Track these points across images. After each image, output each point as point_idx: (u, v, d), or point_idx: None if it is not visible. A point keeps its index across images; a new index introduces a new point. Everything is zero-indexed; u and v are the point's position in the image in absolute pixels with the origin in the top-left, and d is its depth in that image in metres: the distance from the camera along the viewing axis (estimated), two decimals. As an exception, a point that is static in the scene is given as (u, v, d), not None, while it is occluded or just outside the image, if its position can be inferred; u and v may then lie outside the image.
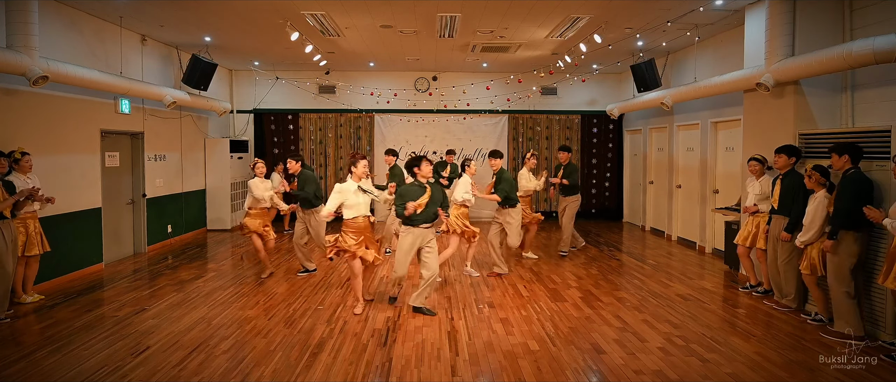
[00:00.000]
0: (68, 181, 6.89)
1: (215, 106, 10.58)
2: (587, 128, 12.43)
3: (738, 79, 6.76)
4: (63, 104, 6.87)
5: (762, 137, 6.51)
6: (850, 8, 5.87)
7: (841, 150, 4.83)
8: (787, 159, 5.66)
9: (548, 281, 6.84)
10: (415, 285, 5.93)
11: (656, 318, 5.41)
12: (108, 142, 7.91)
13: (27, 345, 4.67)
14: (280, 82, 11.86)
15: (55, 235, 6.41)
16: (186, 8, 7.03)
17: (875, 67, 5.19)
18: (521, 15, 7.27)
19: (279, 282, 6.78)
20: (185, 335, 4.92)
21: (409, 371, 4.16)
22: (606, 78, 12.12)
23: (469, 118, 12.31)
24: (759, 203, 6.11)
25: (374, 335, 4.95)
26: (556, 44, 8.94)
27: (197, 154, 10.55)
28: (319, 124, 12.27)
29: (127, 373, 4.10)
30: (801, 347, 4.66)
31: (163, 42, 9.13)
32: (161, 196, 9.17)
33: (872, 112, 5.66)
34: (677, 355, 4.47)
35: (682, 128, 9.68)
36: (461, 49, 9.55)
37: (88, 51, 7.31)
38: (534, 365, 4.26)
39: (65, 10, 6.91)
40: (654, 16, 7.19)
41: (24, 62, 5.63)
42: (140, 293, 6.34)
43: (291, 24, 7.56)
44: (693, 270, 7.54)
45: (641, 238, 10.16)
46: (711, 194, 8.64)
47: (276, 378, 4.04)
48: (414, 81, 12.22)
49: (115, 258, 8.08)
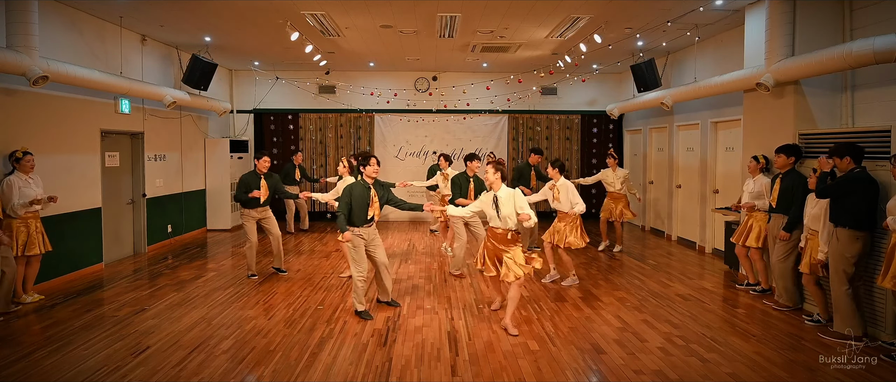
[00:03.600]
0: (68, 181, 6.89)
1: (215, 106, 10.58)
2: (587, 128, 12.43)
3: (738, 79, 6.77)
4: (63, 104, 6.87)
5: (762, 138, 6.51)
6: (850, 8, 5.87)
7: (841, 152, 4.82)
8: (787, 159, 5.67)
9: (548, 281, 6.84)
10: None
11: (656, 318, 5.41)
12: (108, 142, 7.91)
13: (27, 345, 4.67)
14: (280, 82, 11.86)
15: (55, 235, 6.41)
16: (186, 8, 7.03)
17: (875, 67, 5.19)
18: (521, 15, 7.27)
19: (279, 282, 6.79)
20: (185, 335, 4.92)
21: (409, 371, 4.16)
22: (606, 78, 12.12)
23: (469, 118, 12.31)
24: (755, 201, 6.14)
25: (374, 335, 4.95)
26: (556, 44, 8.94)
27: (197, 154, 10.55)
28: (319, 124, 12.27)
29: (127, 373, 4.10)
30: (801, 347, 4.66)
31: (163, 42, 9.13)
32: (161, 196, 9.17)
33: (872, 112, 5.66)
34: (677, 355, 4.47)
35: (682, 128, 9.68)
36: (461, 49, 9.55)
37: (88, 51, 7.31)
38: (534, 365, 4.26)
39: (65, 10, 6.91)
40: (654, 16, 7.19)
41: (24, 62, 5.63)
42: (140, 293, 6.34)
43: (291, 24, 7.57)
44: (693, 270, 7.54)
45: (641, 238, 10.16)
46: (711, 194, 8.64)
47: (276, 378, 4.04)
48: (414, 81, 12.22)
49: (115, 258, 8.09)
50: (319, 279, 6.95)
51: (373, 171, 5.35)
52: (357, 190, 5.30)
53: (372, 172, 5.35)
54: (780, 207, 5.69)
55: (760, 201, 6.09)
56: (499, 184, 5.03)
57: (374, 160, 5.38)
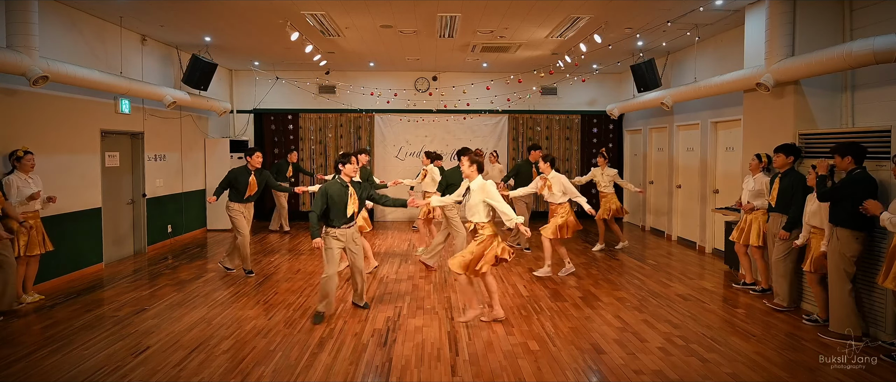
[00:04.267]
0: (68, 181, 6.89)
1: (215, 106, 10.58)
2: (587, 128, 12.43)
3: (738, 79, 6.77)
4: (63, 104, 6.87)
5: (762, 138, 6.51)
6: (850, 8, 5.87)
7: (843, 151, 4.82)
8: (786, 158, 5.67)
9: (548, 281, 6.84)
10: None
11: (656, 318, 5.41)
12: (108, 142, 7.91)
13: (27, 345, 4.66)
14: (280, 82, 11.86)
15: (55, 235, 6.41)
16: (186, 8, 7.03)
17: (875, 67, 5.20)
18: (521, 15, 7.27)
19: (279, 282, 6.79)
20: (185, 335, 4.92)
21: (409, 371, 4.16)
22: (606, 78, 12.12)
23: (469, 118, 12.31)
24: (752, 201, 6.14)
25: (374, 335, 4.95)
26: (556, 44, 8.94)
27: (197, 154, 10.55)
28: (319, 124, 12.27)
29: (127, 373, 4.10)
30: (801, 347, 4.66)
31: (163, 42, 9.13)
32: (161, 196, 9.17)
33: (872, 112, 5.66)
34: (677, 355, 4.47)
35: (682, 128, 9.68)
36: (461, 49, 9.55)
37: (88, 51, 7.31)
38: (534, 365, 4.26)
39: (65, 10, 6.91)
40: (654, 16, 7.19)
41: (24, 62, 5.63)
42: (140, 293, 6.34)
43: (291, 24, 7.57)
44: (693, 270, 7.54)
45: (641, 238, 10.16)
46: (711, 194, 8.64)
47: (276, 378, 4.04)
48: (414, 81, 12.22)
49: (115, 258, 8.08)
50: (319, 278, 6.95)
51: (351, 169, 5.34)
52: (333, 189, 5.25)
53: (350, 170, 5.33)
54: (779, 206, 5.70)
55: (759, 199, 6.10)
56: (474, 175, 5.13)
57: (354, 159, 5.36)
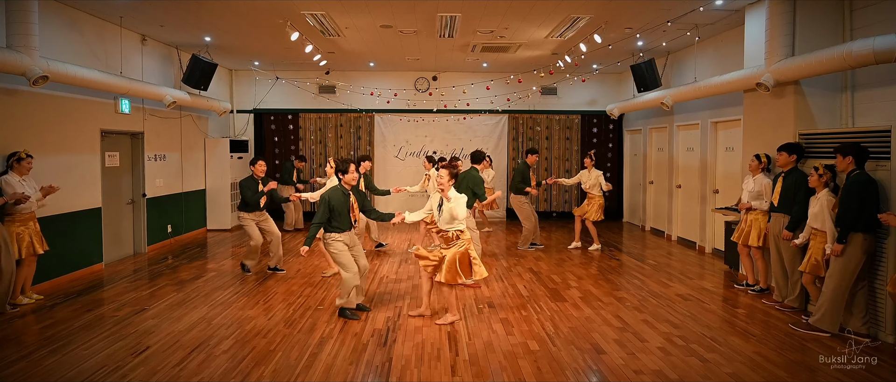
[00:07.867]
0: (68, 181, 6.88)
1: (215, 106, 10.58)
2: (587, 128, 12.43)
3: (738, 79, 6.77)
4: (63, 104, 6.87)
5: (762, 138, 6.51)
6: (850, 8, 5.86)
7: (844, 151, 4.81)
8: (789, 157, 5.66)
9: (548, 281, 6.84)
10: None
11: (656, 318, 5.41)
12: (108, 142, 7.91)
13: (27, 345, 4.66)
14: (280, 82, 11.86)
15: (55, 235, 6.41)
16: (186, 8, 7.03)
17: (875, 67, 5.19)
18: (521, 15, 7.27)
19: (279, 282, 6.79)
20: (185, 335, 4.92)
21: (409, 371, 4.16)
22: (606, 78, 12.12)
23: (469, 118, 12.32)
24: (752, 201, 6.13)
25: (374, 335, 4.95)
26: (556, 44, 8.94)
27: (197, 154, 10.55)
28: (319, 124, 12.27)
29: (127, 373, 4.10)
30: (801, 347, 4.66)
31: (163, 42, 9.13)
32: (161, 196, 9.17)
33: (872, 112, 5.65)
34: (677, 355, 4.47)
35: (682, 128, 9.68)
36: (461, 49, 9.55)
37: (88, 51, 7.31)
38: (534, 365, 4.26)
39: (65, 10, 6.90)
40: (654, 16, 7.19)
41: (24, 62, 5.62)
42: (140, 293, 6.34)
43: (291, 24, 7.56)
44: (693, 270, 7.54)
45: (641, 238, 10.16)
46: (711, 194, 8.64)
47: (276, 378, 4.04)
48: (414, 81, 12.22)
49: (115, 258, 8.08)
50: (319, 278, 6.95)
51: (351, 178, 5.35)
52: (335, 199, 5.27)
53: (351, 179, 5.35)
54: (781, 206, 5.68)
55: (758, 201, 6.08)
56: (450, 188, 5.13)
57: (353, 167, 5.37)
